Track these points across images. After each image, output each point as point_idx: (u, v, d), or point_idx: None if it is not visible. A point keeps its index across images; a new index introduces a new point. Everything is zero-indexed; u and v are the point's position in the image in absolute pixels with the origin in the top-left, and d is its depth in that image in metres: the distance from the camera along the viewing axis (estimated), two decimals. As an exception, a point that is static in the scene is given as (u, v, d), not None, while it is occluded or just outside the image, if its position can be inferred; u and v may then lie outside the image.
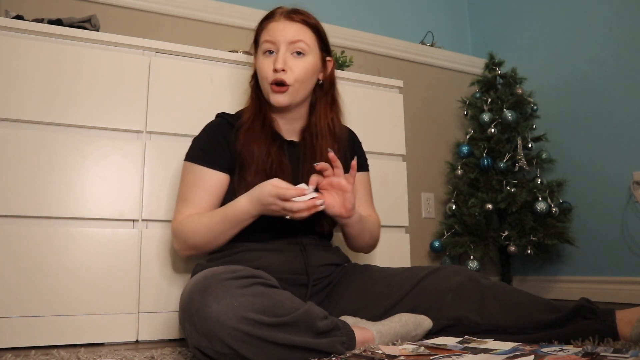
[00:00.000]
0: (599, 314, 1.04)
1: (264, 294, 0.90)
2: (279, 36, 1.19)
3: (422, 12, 2.81)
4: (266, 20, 1.25)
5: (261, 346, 0.85)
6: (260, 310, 0.86)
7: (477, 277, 1.15)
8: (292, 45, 1.19)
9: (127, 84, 1.43)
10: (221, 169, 1.20)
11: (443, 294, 1.13)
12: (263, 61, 1.21)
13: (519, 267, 2.48)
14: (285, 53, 1.19)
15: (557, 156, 2.28)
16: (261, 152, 1.18)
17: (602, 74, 2.19)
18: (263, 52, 1.22)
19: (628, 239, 2.04)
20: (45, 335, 1.24)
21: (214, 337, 0.84)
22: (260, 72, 1.22)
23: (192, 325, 0.87)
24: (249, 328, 0.84)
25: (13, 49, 1.33)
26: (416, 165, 2.42)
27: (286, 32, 1.19)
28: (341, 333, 0.96)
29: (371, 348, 0.97)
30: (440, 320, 1.11)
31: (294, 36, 1.19)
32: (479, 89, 2.42)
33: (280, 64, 1.17)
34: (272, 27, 1.21)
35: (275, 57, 1.19)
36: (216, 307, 0.84)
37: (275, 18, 1.23)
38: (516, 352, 0.88)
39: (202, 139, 1.25)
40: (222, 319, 0.84)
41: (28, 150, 1.30)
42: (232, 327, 0.84)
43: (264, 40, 1.21)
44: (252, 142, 1.19)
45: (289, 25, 1.20)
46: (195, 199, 1.18)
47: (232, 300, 0.85)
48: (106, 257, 1.33)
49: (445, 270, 1.19)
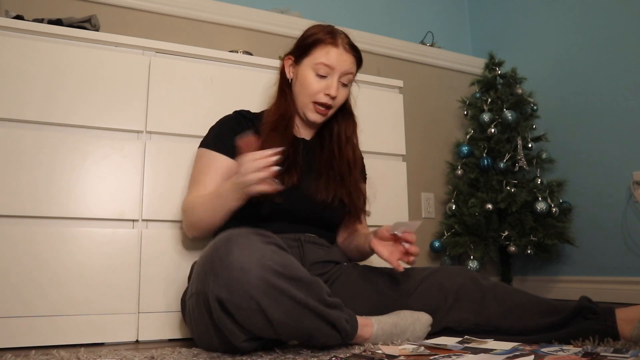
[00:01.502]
0: (599, 313, 1.04)
1: (281, 253, 0.93)
2: (338, 65, 1.26)
3: (422, 12, 2.81)
4: (325, 40, 1.27)
5: (279, 300, 0.87)
6: (279, 263, 0.89)
7: (477, 277, 1.16)
8: (344, 76, 1.27)
9: (127, 84, 1.43)
10: (231, 155, 1.24)
11: (444, 297, 1.14)
12: (314, 79, 1.27)
13: (519, 267, 2.48)
14: (338, 81, 1.26)
15: (557, 156, 2.28)
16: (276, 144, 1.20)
17: (602, 74, 2.19)
18: (316, 71, 1.26)
19: (628, 239, 2.04)
20: (45, 335, 1.24)
21: (237, 285, 0.86)
22: (309, 89, 1.27)
23: (214, 275, 0.88)
24: (271, 277, 0.87)
25: (13, 49, 1.33)
26: (416, 165, 2.42)
27: (345, 63, 1.26)
28: (345, 312, 0.99)
29: (371, 348, 0.97)
30: (440, 322, 1.12)
31: (349, 69, 1.28)
32: (479, 89, 2.42)
33: (335, 91, 1.26)
34: (333, 53, 1.26)
35: (328, 80, 1.26)
36: (239, 254, 0.87)
37: (337, 44, 1.26)
38: (516, 352, 0.88)
39: (216, 127, 1.32)
40: (246, 266, 0.86)
41: (28, 150, 1.30)
42: (255, 276, 0.86)
43: (322, 62, 1.25)
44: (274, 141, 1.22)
45: (348, 57, 1.27)
46: (205, 181, 1.23)
47: (255, 250, 0.88)
48: (106, 257, 1.33)
49: (445, 271, 1.19)
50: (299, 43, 1.31)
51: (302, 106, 1.29)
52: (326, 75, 1.26)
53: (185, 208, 1.24)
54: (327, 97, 1.26)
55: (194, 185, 1.25)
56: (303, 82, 1.27)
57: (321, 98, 1.26)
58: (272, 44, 2.21)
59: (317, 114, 1.28)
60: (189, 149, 1.46)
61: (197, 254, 1.42)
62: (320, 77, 1.26)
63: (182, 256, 1.40)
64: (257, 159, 1.02)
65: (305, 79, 1.27)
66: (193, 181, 1.27)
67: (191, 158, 1.46)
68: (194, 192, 1.24)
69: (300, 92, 1.29)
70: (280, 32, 2.25)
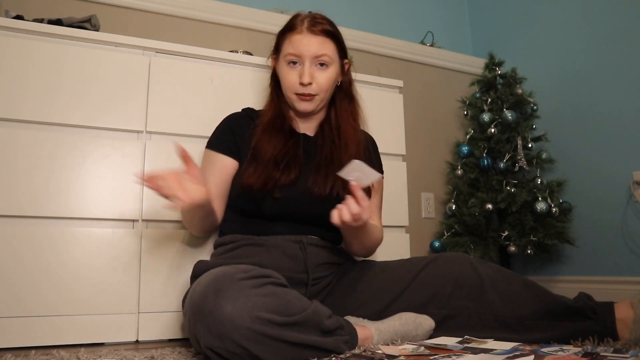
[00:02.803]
0: (598, 313, 1.04)
1: (275, 294, 0.90)
2: (304, 51, 1.23)
3: (422, 12, 2.81)
4: (289, 31, 1.27)
5: (272, 345, 0.86)
6: (272, 309, 0.87)
7: (476, 264, 1.16)
8: (316, 59, 1.24)
9: (127, 84, 1.43)
10: (230, 154, 1.27)
11: (443, 285, 1.15)
12: (288, 71, 1.26)
13: (519, 267, 2.48)
14: (310, 67, 1.24)
15: (557, 156, 2.28)
16: (276, 147, 1.22)
17: (603, 73, 2.19)
18: (287, 62, 1.26)
19: (628, 239, 2.04)
20: (45, 335, 1.24)
21: (227, 337, 0.84)
22: (285, 82, 1.27)
23: (205, 326, 0.87)
24: (262, 327, 0.85)
25: (13, 49, 1.33)
26: (416, 165, 2.42)
27: (310, 46, 1.23)
28: (345, 332, 0.98)
29: (371, 348, 0.97)
30: (441, 310, 1.13)
31: (318, 50, 1.23)
32: (479, 89, 2.42)
33: (307, 78, 1.22)
34: (296, 40, 1.24)
35: (300, 69, 1.24)
36: (231, 309, 0.85)
37: (297, 30, 1.25)
38: (516, 352, 0.88)
39: (218, 127, 1.34)
40: (237, 320, 0.84)
41: (28, 150, 1.30)
42: (245, 327, 0.84)
43: (288, 53, 1.25)
44: (268, 140, 1.23)
45: (312, 39, 1.23)
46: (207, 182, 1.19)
47: (246, 300, 0.86)
48: (106, 257, 1.33)
49: (443, 259, 1.19)
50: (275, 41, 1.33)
51: (289, 100, 1.29)
52: (297, 64, 1.25)
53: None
54: (301, 86, 1.24)
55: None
56: (281, 77, 1.29)
57: (298, 89, 1.25)
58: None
59: (302, 102, 1.26)
60: (189, 149, 1.45)
61: (197, 254, 1.42)
62: (293, 67, 1.25)
63: (182, 256, 1.40)
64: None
65: (281, 74, 1.28)
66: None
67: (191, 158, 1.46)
68: None
69: (282, 87, 1.30)
70: (280, 32, 2.25)
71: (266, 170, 1.18)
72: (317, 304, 0.96)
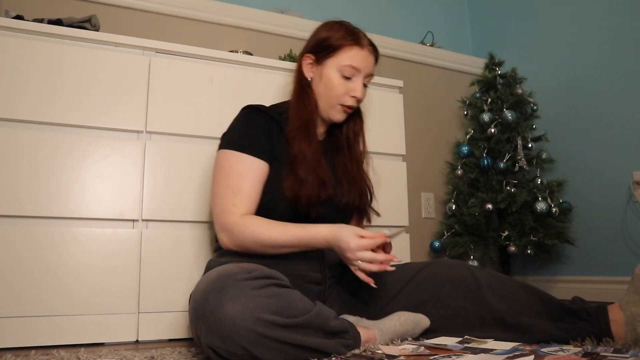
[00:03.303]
0: (592, 315, 1.05)
1: (278, 295, 0.90)
2: (363, 67, 1.24)
3: (422, 12, 2.81)
4: (352, 42, 1.24)
5: (273, 346, 0.86)
6: (274, 311, 0.87)
7: (473, 268, 1.19)
8: (367, 77, 1.27)
9: (127, 84, 1.43)
10: (266, 159, 1.19)
11: (441, 285, 1.17)
12: (340, 81, 1.24)
13: (519, 267, 2.48)
14: (361, 83, 1.26)
15: (557, 156, 2.28)
16: (310, 152, 1.20)
17: (602, 74, 2.19)
18: (341, 72, 1.24)
19: (628, 239, 2.04)
20: (45, 335, 1.24)
21: (228, 337, 0.84)
22: (334, 90, 1.24)
23: (206, 325, 0.87)
24: (263, 329, 0.85)
25: (13, 49, 1.33)
26: (416, 165, 2.42)
27: (368, 65, 1.26)
28: (349, 336, 0.98)
29: (371, 348, 0.97)
30: (439, 310, 1.13)
31: (371, 71, 1.28)
32: (479, 89, 2.42)
33: (361, 94, 1.25)
34: (359, 55, 1.24)
35: (353, 83, 1.25)
36: (232, 309, 0.85)
37: (361, 45, 1.25)
38: (516, 352, 0.88)
39: (246, 128, 1.21)
40: (238, 320, 0.84)
41: (28, 150, 1.30)
42: (247, 329, 0.84)
43: (349, 65, 1.23)
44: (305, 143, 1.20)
45: (371, 58, 1.27)
46: (247, 190, 1.14)
47: (248, 301, 0.86)
48: (106, 257, 1.33)
49: (441, 263, 1.23)
50: (320, 42, 1.26)
51: (326, 107, 1.26)
52: (351, 77, 1.24)
53: (241, 231, 1.10)
54: (353, 99, 1.25)
55: (237, 195, 1.13)
56: (328, 84, 1.24)
57: (347, 100, 1.25)
58: (272, 44, 2.22)
59: (343, 113, 1.27)
60: (189, 149, 1.46)
61: (197, 253, 1.42)
62: (345, 78, 1.24)
63: (182, 256, 1.40)
64: (377, 258, 1.02)
65: (330, 81, 1.24)
66: (232, 189, 1.14)
67: (191, 158, 1.46)
68: (239, 204, 1.13)
69: (324, 93, 1.25)
70: (280, 32, 2.25)
71: (312, 187, 1.16)
72: (320, 305, 0.96)
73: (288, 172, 1.17)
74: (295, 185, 1.15)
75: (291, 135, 1.20)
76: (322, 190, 1.17)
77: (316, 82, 1.27)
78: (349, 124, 1.34)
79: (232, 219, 1.11)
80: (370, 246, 1.03)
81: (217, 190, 1.16)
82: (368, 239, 1.03)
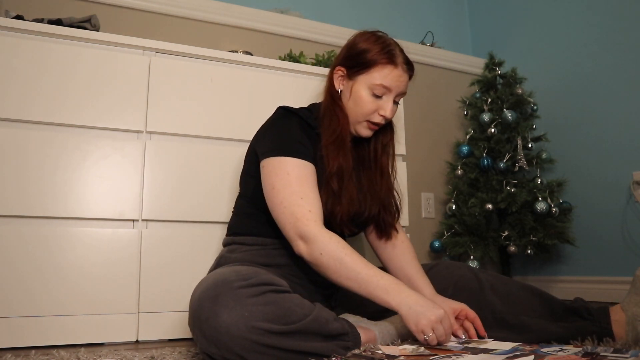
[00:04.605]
0: (594, 314, 1.06)
1: (274, 302, 0.89)
2: (395, 87, 1.19)
3: (422, 12, 2.81)
4: (386, 60, 1.19)
5: (269, 353, 0.85)
6: (270, 319, 0.86)
7: (475, 270, 1.20)
8: (398, 95, 1.22)
9: (127, 84, 1.43)
10: (314, 162, 1.16)
11: (444, 288, 1.18)
12: (370, 99, 1.20)
13: (519, 267, 2.48)
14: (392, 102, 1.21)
15: (557, 156, 2.28)
16: (348, 168, 1.18)
17: (602, 74, 2.19)
18: (372, 90, 1.19)
19: (628, 239, 2.04)
20: (45, 335, 1.24)
21: (223, 345, 0.84)
22: (363, 108, 1.20)
23: (201, 332, 0.86)
24: (258, 337, 0.84)
25: (12, 49, 1.33)
26: (416, 165, 2.42)
27: (401, 84, 1.20)
28: (349, 338, 0.97)
29: (371, 348, 0.97)
30: None
31: (404, 90, 1.22)
32: (479, 89, 2.42)
33: (390, 114, 1.20)
34: (392, 74, 1.18)
35: (382, 102, 1.20)
36: (227, 317, 0.84)
37: (395, 63, 1.19)
38: (516, 352, 0.88)
39: (291, 131, 1.17)
40: (232, 329, 0.83)
41: (27, 150, 1.30)
42: (242, 337, 0.83)
43: (380, 84, 1.18)
44: (341, 158, 1.17)
45: (405, 77, 1.21)
46: (313, 194, 1.11)
47: (243, 310, 0.85)
48: (106, 257, 1.33)
49: (444, 265, 1.24)
50: (353, 57, 1.21)
51: (353, 122, 1.23)
52: (381, 95, 1.20)
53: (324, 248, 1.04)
54: (381, 117, 1.20)
55: (306, 200, 1.09)
56: (358, 101, 1.20)
57: (375, 118, 1.20)
58: (272, 44, 2.22)
59: (369, 130, 1.23)
60: (189, 149, 1.46)
61: (197, 254, 1.42)
62: (375, 97, 1.20)
63: (182, 256, 1.40)
64: (449, 334, 0.98)
65: (360, 98, 1.20)
66: (300, 194, 1.09)
67: (191, 158, 1.46)
68: (314, 210, 1.08)
69: (353, 109, 1.22)
70: (280, 32, 2.25)
71: (348, 204, 1.16)
72: (319, 308, 0.95)
73: (324, 187, 1.14)
74: (332, 200, 1.13)
75: (326, 151, 1.17)
76: (352, 206, 1.16)
77: (346, 96, 1.23)
78: (378, 137, 1.29)
79: (314, 228, 1.06)
80: (445, 334, 0.97)
81: (282, 200, 1.09)
82: (451, 329, 1.00)
